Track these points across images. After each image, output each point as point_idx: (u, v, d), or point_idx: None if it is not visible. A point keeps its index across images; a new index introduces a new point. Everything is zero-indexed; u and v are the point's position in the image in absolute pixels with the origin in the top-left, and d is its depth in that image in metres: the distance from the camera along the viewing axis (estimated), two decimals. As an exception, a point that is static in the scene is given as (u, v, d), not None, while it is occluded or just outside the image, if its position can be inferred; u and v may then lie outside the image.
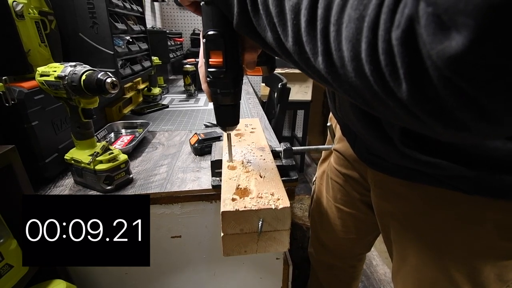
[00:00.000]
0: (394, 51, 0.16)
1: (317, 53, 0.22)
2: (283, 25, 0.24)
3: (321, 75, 0.23)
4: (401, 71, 0.17)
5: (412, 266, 0.52)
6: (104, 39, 0.81)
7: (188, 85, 1.42)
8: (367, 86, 0.20)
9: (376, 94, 0.20)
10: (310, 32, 0.22)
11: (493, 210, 0.41)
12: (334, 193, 0.73)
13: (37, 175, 0.59)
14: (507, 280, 0.45)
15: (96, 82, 0.49)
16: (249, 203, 0.38)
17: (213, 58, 0.36)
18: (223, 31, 0.34)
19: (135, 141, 0.78)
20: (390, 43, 0.17)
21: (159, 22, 2.25)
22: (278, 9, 0.24)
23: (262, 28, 0.27)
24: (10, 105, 0.51)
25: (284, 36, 0.25)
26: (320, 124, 2.84)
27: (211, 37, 0.35)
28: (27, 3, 0.61)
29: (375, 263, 1.52)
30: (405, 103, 0.18)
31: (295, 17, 0.22)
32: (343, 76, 0.21)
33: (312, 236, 0.89)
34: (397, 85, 0.18)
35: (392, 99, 0.19)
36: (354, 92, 0.22)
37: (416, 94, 0.17)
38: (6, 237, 0.47)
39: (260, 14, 0.27)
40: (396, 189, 0.51)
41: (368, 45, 0.18)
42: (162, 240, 0.62)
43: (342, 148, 0.68)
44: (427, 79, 0.16)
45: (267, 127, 0.97)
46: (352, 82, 0.21)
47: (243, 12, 0.29)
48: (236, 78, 0.39)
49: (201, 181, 0.61)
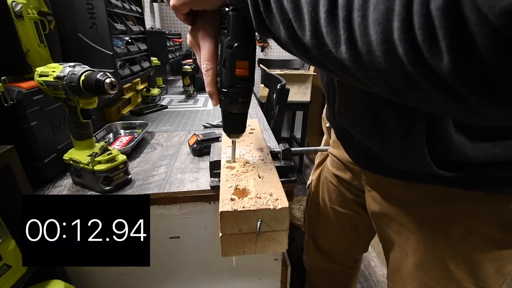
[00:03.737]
0: (435, 22, 0.16)
1: (340, 42, 0.21)
2: (299, 20, 0.24)
3: (343, 66, 0.23)
4: (443, 43, 0.16)
5: (413, 266, 0.52)
6: (103, 39, 0.81)
7: (187, 86, 1.42)
8: (399, 69, 0.19)
9: (409, 77, 0.19)
10: (331, 22, 0.21)
11: (492, 204, 0.41)
12: (330, 194, 0.74)
13: (36, 175, 0.59)
14: (505, 273, 0.46)
15: (95, 83, 0.49)
16: (248, 204, 0.38)
17: (240, 68, 0.37)
18: (249, 41, 0.35)
19: (134, 141, 0.78)
20: (430, 15, 0.16)
21: (158, 22, 2.25)
22: (293, 4, 0.24)
23: (276, 27, 0.27)
24: (9, 105, 0.51)
25: (300, 31, 0.24)
26: (319, 125, 2.84)
27: (239, 48, 0.35)
28: (26, 3, 0.61)
29: (374, 264, 1.52)
30: (446, 79, 0.17)
31: (313, 10, 0.22)
32: (369, 64, 0.20)
33: (308, 242, 0.89)
34: (437, 60, 0.17)
35: (430, 78, 0.18)
36: (381, 80, 0.21)
37: (461, 66, 0.16)
38: (4, 237, 0.47)
39: (274, 13, 0.26)
40: (392, 190, 0.51)
41: (402, 23, 0.17)
42: (161, 240, 0.62)
43: (336, 151, 0.68)
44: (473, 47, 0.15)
45: (266, 128, 0.97)
46: (380, 68, 0.20)
47: (257, 15, 0.28)
48: (252, 86, 0.40)
49: (199, 181, 0.61)
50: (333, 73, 0.26)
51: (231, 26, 0.35)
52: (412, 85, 0.20)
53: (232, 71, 0.37)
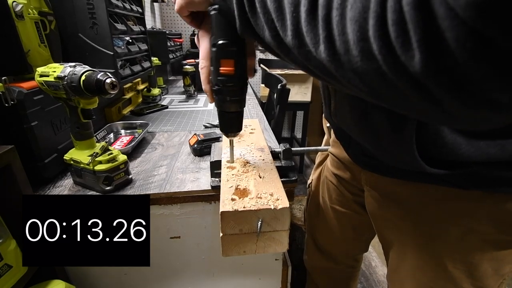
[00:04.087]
0: (406, 18, 0.16)
1: (319, 42, 0.21)
2: (282, 20, 0.24)
3: (323, 66, 0.23)
4: (413, 39, 0.16)
5: (411, 265, 0.52)
6: (104, 39, 0.81)
7: (187, 86, 1.42)
8: (374, 69, 0.19)
9: (384, 76, 0.19)
10: (311, 21, 0.21)
11: (489, 204, 0.41)
12: (330, 193, 0.74)
13: (36, 175, 0.59)
14: (503, 273, 0.46)
15: (96, 83, 0.49)
16: (248, 203, 0.38)
17: (224, 66, 0.37)
18: (233, 40, 0.35)
19: (135, 141, 0.78)
20: (401, 10, 0.16)
21: (159, 22, 2.25)
22: (276, 4, 0.24)
23: (260, 27, 0.27)
24: (9, 106, 0.51)
25: (282, 31, 0.24)
26: (319, 125, 2.84)
27: (222, 46, 0.35)
28: (27, 4, 0.61)
29: (374, 264, 1.52)
30: (418, 78, 0.17)
31: (295, 9, 0.22)
32: (347, 64, 0.20)
33: (308, 241, 0.89)
34: (409, 57, 0.16)
35: (403, 77, 0.18)
36: (359, 80, 0.21)
37: (431, 62, 0.16)
38: (5, 237, 0.47)
39: (258, 13, 0.27)
40: (391, 189, 0.51)
41: (377, 20, 0.17)
42: (161, 240, 0.62)
43: (336, 150, 0.69)
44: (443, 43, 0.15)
45: (266, 128, 0.97)
46: (357, 67, 0.20)
47: (242, 15, 0.29)
48: (244, 84, 0.40)
49: (200, 181, 0.61)
50: (314, 75, 0.27)
51: (213, 25, 0.35)
52: (388, 85, 0.19)
53: (217, 69, 0.37)
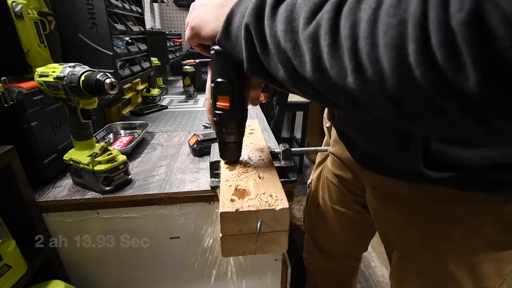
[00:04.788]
0: (458, 39, 0.15)
1: (346, 73, 0.21)
2: (300, 57, 0.24)
3: (351, 97, 0.22)
4: (468, 60, 0.15)
5: (414, 266, 0.52)
6: (103, 39, 0.80)
7: (187, 86, 1.42)
8: (416, 94, 0.18)
9: (429, 101, 0.18)
10: (335, 54, 0.21)
11: (492, 205, 0.41)
12: (330, 194, 0.74)
13: (36, 175, 0.58)
14: (504, 274, 0.46)
15: (95, 83, 0.49)
16: (248, 204, 0.38)
17: (221, 102, 0.39)
18: (231, 79, 0.37)
19: (134, 142, 0.78)
20: (451, 32, 0.15)
21: (159, 23, 2.25)
22: (292, 44, 0.24)
23: (274, 67, 0.27)
24: (9, 106, 0.51)
25: (301, 68, 0.24)
26: (319, 125, 2.84)
27: (219, 84, 0.38)
28: (27, 4, 0.61)
29: (374, 264, 1.52)
30: (472, 99, 0.16)
31: (314, 45, 0.22)
32: (381, 92, 0.20)
33: (307, 241, 0.89)
34: (463, 78, 0.16)
35: (455, 99, 0.17)
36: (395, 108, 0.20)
37: (489, 83, 0.15)
38: (5, 237, 0.47)
39: (271, 54, 0.26)
40: (394, 190, 0.51)
41: (419, 44, 0.16)
42: (161, 241, 0.62)
43: (337, 151, 0.68)
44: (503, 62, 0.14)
45: (266, 128, 0.97)
46: (394, 95, 0.19)
47: (252, 56, 0.29)
48: (240, 119, 0.42)
49: (200, 182, 0.61)
50: (335, 107, 0.26)
51: (212, 63, 0.38)
52: (432, 109, 0.19)
53: (215, 103, 0.40)
